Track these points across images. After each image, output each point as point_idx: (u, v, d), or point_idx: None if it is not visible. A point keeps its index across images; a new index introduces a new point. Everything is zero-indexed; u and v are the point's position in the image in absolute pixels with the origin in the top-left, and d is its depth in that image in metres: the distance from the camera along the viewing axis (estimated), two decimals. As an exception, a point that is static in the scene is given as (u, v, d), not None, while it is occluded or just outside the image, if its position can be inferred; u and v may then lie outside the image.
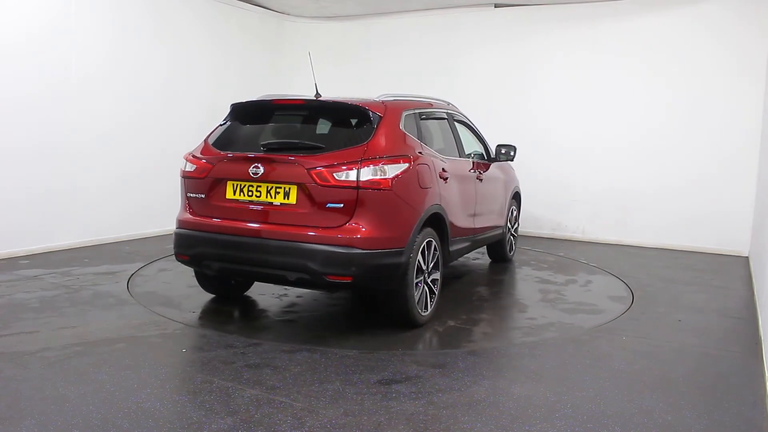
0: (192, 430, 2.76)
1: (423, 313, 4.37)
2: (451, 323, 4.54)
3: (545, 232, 8.55)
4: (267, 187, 4.07)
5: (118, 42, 7.15)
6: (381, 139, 4.12)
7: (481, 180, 5.56)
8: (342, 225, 3.89)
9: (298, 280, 4.08)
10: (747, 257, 7.37)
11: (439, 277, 4.58)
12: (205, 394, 3.14)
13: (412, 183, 4.19)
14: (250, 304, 5.04)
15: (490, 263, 6.81)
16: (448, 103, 5.69)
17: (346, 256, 3.83)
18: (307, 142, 4.22)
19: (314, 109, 4.52)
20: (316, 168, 3.91)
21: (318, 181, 3.90)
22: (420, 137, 4.59)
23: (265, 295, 5.26)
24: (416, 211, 4.18)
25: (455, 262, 6.75)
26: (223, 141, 4.47)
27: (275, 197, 4.04)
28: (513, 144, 6.20)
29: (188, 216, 4.42)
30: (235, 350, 3.82)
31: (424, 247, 4.29)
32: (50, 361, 3.53)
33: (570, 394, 3.28)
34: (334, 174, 3.88)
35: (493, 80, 8.76)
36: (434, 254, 4.47)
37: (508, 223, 6.65)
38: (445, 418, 2.96)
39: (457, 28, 8.95)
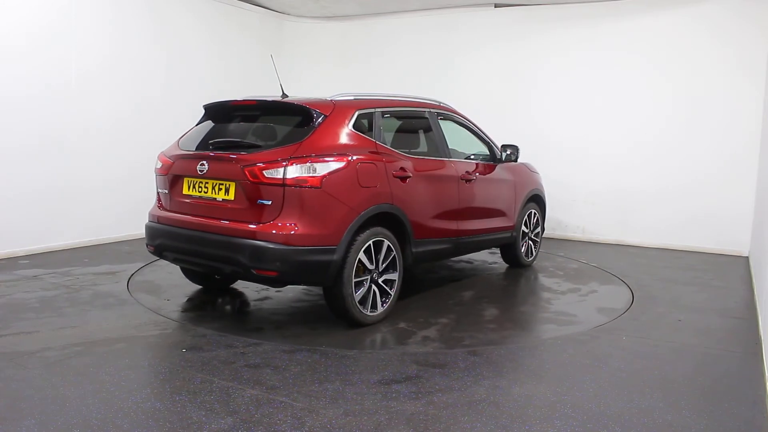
0: (192, 430, 2.76)
1: (369, 313, 4.36)
2: (402, 325, 4.47)
3: (545, 232, 8.53)
4: (212, 183, 4.27)
5: (117, 42, 7.16)
6: (319, 138, 4.19)
7: (469, 181, 5.40)
8: (270, 221, 3.99)
9: (232, 272, 4.27)
10: (747, 257, 7.37)
11: (396, 278, 4.55)
12: (205, 394, 3.14)
13: (348, 182, 4.19)
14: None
15: (507, 268, 6.56)
16: (440, 103, 5.60)
17: (270, 251, 3.93)
18: (245, 141, 4.40)
19: (265, 109, 4.69)
20: (249, 165, 4.04)
21: (250, 178, 4.02)
22: (379, 136, 4.61)
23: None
24: (353, 210, 4.17)
25: (461, 264, 6.74)
26: (189, 140, 4.71)
27: (218, 193, 4.23)
28: (515, 144, 6.14)
29: (156, 210, 4.72)
30: (235, 350, 3.82)
31: (370, 246, 4.30)
32: (50, 361, 3.53)
33: (570, 394, 3.28)
34: (264, 171, 3.99)
35: (493, 80, 8.76)
36: (388, 254, 4.46)
37: (524, 227, 6.39)
38: (445, 418, 2.96)
39: (457, 28, 8.95)
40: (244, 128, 4.68)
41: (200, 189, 4.35)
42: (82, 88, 6.79)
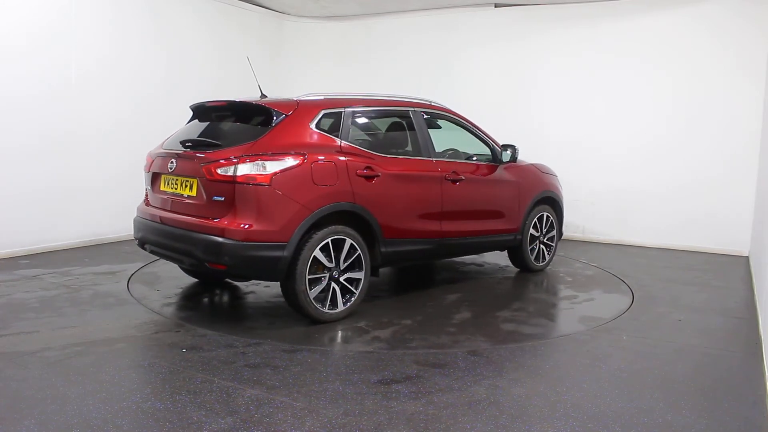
0: (192, 430, 2.76)
1: (328, 311, 4.40)
2: (362, 324, 4.45)
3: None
4: (180, 180, 4.49)
5: (117, 42, 7.16)
6: (274, 137, 4.30)
7: (457, 181, 5.27)
8: (222, 217, 4.15)
9: (191, 265, 4.52)
10: (747, 257, 7.37)
11: (362, 277, 4.56)
12: (205, 394, 3.14)
13: (300, 180, 4.24)
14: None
15: (517, 272, 6.32)
16: (431, 102, 5.52)
17: (220, 245, 4.08)
18: (208, 140, 4.52)
19: (234, 110, 4.81)
20: (206, 163, 4.23)
21: (206, 175, 4.20)
22: (346, 135, 4.63)
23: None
24: (305, 207, 4.22)
25: (469, 267, 6.68)
26: (172, 139, 4.91)
27: (184, 190, 4.45)
28: (513, 144, 5.97)
29: (142, 205, 5.01)
30: (235, 350, 3.82)
31: (328, 244, 4.33)
32: (50, 361, 3.53)
33: (570, 394, 3.28)
34: (218, 169, 4.16)
35: (493, 80, 8.76)
36: (351, 253, 4.48)
37: (533, 230, 6.14)
38: (445, 418, 2.96)
39: (457, 27, 8.95)
40: (216, 128, 4.80)
41: (172, 185, 4.57)
42: (82, 88, 6.79)
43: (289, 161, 4.23)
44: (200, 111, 5.02)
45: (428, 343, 4.08)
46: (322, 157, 4.39)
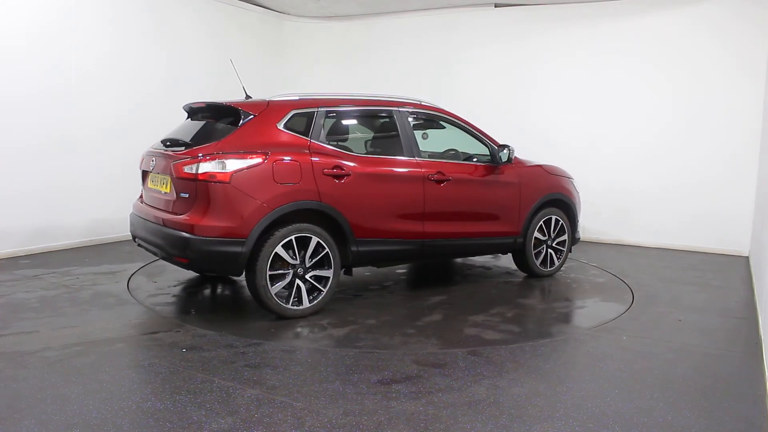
0: (192, 430, 2.76)
1: (291, 307, 4.45)
2: (324, 321, 4.46)
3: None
4: (159, 178, 4.69)
5: (117, 41, 7.16)
6: (239, 136, 4.45)
7: (442, 182, 5.16)
8: (186, 213, 4.34)
9: (163, 258, 4.65)
10: (747, 257, 7.37)
11: (330, 275, 4.58)
12: (205, 394, 3.14)
13: (260, 178, 4.34)
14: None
15: (524, 277, 6.06)
16: (420, 102, 5.45)
17: (182, 240, 4.26)
18: (180, 139, 4.67)
19: (210, 110, 4.98)
20: (175, 162, 4.42)
21: (175, 173, 4.40)
22: (317, 135, 4.69)
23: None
24: (264, 205, 4.31)
25: (476, 270, 6.64)
26: (163, 138, 5.03)
27: (162, 187, 4.64)
28: (508, 144, 5.75)
29: (137, 201, 5.23)
30: (235, 350, 3.82)
31: (292, 241, 4.40)
32: (50, 361, 3.53)
33: (570, 394, 3.28)
34: (184, 167, 4.34)
35: (493, 80, 8.76)
36: (319, 251, 4.51)
37: (538, 234, 5.89)
38: (445, 418, 2.96)
39: (457, 27, 8.95)
40: (197, 127, 4.88)
41: (154, 183, 4.79)
42: (82, 87, 6.79)
43: (250, 160, 4.34)
44: (190, 111, 5.21)
45: (375, 344, 4.03)
46: (286, 157, 4.46)
